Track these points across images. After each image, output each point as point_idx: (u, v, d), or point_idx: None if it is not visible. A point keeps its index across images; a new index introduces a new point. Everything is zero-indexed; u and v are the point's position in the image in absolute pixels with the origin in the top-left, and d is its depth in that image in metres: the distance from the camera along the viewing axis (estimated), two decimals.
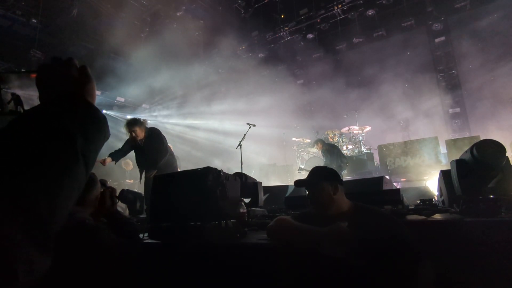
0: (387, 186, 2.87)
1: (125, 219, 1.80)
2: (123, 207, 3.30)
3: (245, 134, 6.33)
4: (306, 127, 10.36)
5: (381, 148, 7.08)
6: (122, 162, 8.46)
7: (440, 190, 2.37)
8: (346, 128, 8.80)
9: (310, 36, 10.76)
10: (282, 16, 10.98)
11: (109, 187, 1.76)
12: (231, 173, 2.39)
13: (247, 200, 2.61)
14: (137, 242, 1.77)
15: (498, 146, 1.73)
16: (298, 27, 10.67)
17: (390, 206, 2.00)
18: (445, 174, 2.11)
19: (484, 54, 8.27)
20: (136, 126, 4.23)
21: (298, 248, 1.39)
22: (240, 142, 6.27)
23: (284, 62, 11.70)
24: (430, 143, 6.44)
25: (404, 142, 6.94)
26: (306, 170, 7.29)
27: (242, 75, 10.73)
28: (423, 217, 1.78)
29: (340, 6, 9.80)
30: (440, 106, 9.13)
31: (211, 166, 2.01)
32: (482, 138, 3.76)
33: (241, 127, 6.74)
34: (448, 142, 6.24)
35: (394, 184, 6.17)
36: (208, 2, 10.86)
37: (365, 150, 8.31)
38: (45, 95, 0.63)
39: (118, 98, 9.83)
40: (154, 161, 4.28)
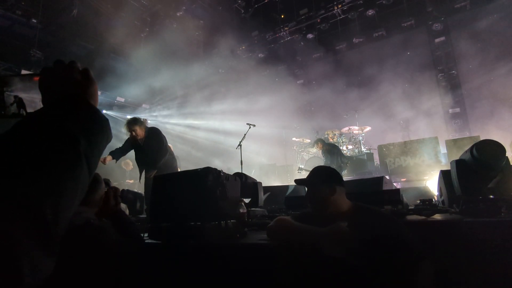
0: (387, 186, 2.87)
1: (128, 219, 1.81)
2: (123, 207, 3.31)
3: (245, 134, 6.33)
4: (306, 127, 10.36)
5: (381, 148, 7.07)
6: (122, 162, 8.46)
7: (440, 190, 2.37)
8: (346, 128, 8.80)
9: (310, 36, 10.77)
10: (282, 16, 10.98)
11: (112, 187, 1.78)
12: (231, 173, 2.39)
13: (247, 200, 2.61)
14: (140, 241, 1.78)
15: (498, 146, 1.73)
16: (298, 27, 10.67)
17: (390, 206, 2.00)
18: (445, 174, 2.11)
19: (484, 54, 8.27)
20: (136, 125, 4.25)
21: (298, 248, 1.39)
22: (240, 142, 6.28)
23: (284, 62, 11.70)
24: (430, 143, 6.44)
25: (404, 142, 6.95)
26: (306, 170, 7.29)
27: (242, 75, 10.73)
28: (423, 217, 1.78)
29: (340, 6, 9.80)
30: (440, 106, 9.13)
31: (211, 166, 2.01)
32: (482, 138, 3.77)
33: (241, 127, 6.74)
34: (448, 142, 6.24)
35: (394, 184, 6.17)
36: (208, 2, 10.86)
37: (365, 150, 8.31)
38: (48, 98, 0.64)
39: (118, 98, 9.82)
40: (154, 160, 4.30)
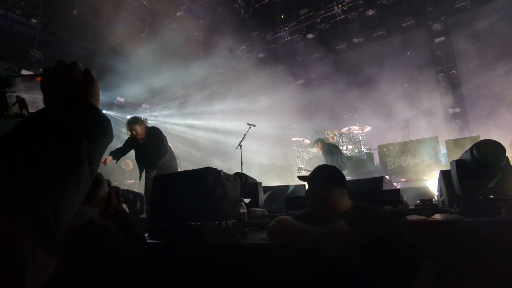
0: (387, 186, 2.87)
1: (130, 218, 1.83)
2: (123, 207, 3.31)
3: (245, 134, 6.33)
4: (306, 127, 10.36)
5: (381, 148, 7.07)
6: (122, 163, 8.46)
7: (440, 190, 2.37)
8: (346, 128, 8.80)
9: (310, 36, 10.77)
10: (282, 16, 10.97)
11: (114, 187, 1.80)
12: (232, 173, 2.39)
13: (247, 200, 2.61)
14: (142, 240, 1.79)
15: (498, 146, 1.73)
16: (298, 27, 10.66)
17: (390, 206, 2.00)
18: (445, 174, 2.11)
19: (484, 54, 8.27)
20: (136, 124, 4.26)
21: (298, 248, 1.39)
22: (240, 142, 6.28)
23: (284, 62, 11.70)
24: (430, 143, 6.44)
25: (404, 142, 6.94)
26: (306, 170, 7.29)
27: (242, 75, 10.72)
28: (423, 217, 1.78)
29: (340, 6, 9.80)
30: (440, 106, 9.13)
31: (212, 166, 2.01)
32: (482, 138, 3.77)
33: (241, 127, 6.74)
34: (448, 142, 6.24)
35: (394, 184, 6.17)
36: (208, 2, 10.86)
37: (365, 150, 8.31)
38: (49, 98, 0.64)
39: (118, 98, 9.82)
40: (154, 160, 4.30)
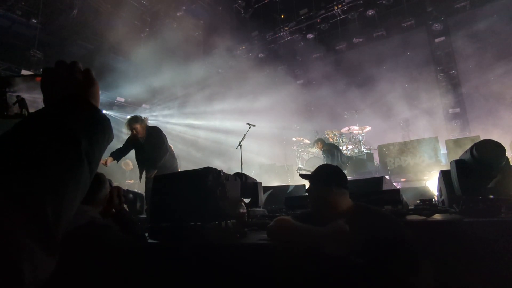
0: (387, 186, 2.87)
1: (131, 218, 1.83)
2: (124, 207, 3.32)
3: (245, 134, 6.33)
4: (306, 127, 10.36)
5: (381, 148, 7.07)
6: (122, 163, 8.46)
7: (440, 190, 2.37)
8: (346, 128, 8.80)
9: (310, 36, 10.76)
10: (282, 16, 10.97)
11: (116, 186, 1.80)
12: (232, 173, 2.39)
13: (247, 200, 2.61)
14: (143, 240, 1.79)
15: (497, 146, 1.73)
16: (298, 27, 10.66)
17: (390, 206, 2.00)
18: (445, 174, 2.11)
19: (484, 54, 8.27)
20: (137, 123, 4.27)
21: (298, 248, 1.39)
22: (240, 142, 6.28)
23: (284, 62, 11.70)
24: (430, 143, 6.44)
25: (404, 142, 6.94)
26: (306, 170, 7.29)
27: (242, 75, 10.72)
28: (423, 217, 1.78)
29: (340, 6, 9.80)
30: (440, 106, 9.13)
31: (212, 166, 2.01)
32: (482, 138, 3.77)
33: (241, 127, 6.74)
34: (448, 142, 6.24)
35: (394, 184, 6.17)
36: (208, 2, 10.85)
37: (365, 150, 8.31)
38: (49, 98, 0.64)
39: (118, 98, 9.81)
40: (154, 160, 4.30)
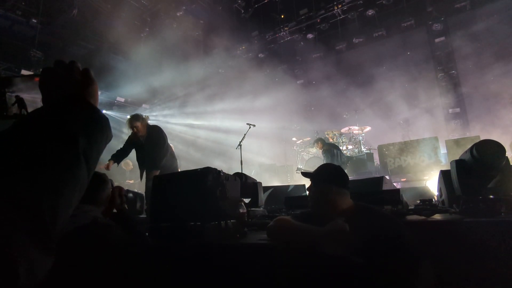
0: (387, 186, 2.86)
1: (133, 217, 1.83)
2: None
3: (245, 134, 6.33)
4: (306, 127, 10.36)
5: (381, 148, 7.07)
6: (122, 163, 8.44)
7: (440, 190, 2.37)
8: (346, 128, 8.80)
9: (310, 36, 10.76)
10: (282, 16, 10.97)
11: (117, 186, 1.81)
12: (232, 173, 2.39)
13: (247, 200, 2.61)
14: (145, 239, 1.79)
15: (497, 147, 1.73)
16: (298, 27, 10.66)
17: (390, 206, 2.00)
18: (445, 174, 2.10)
19: (484, 54, 8.26)
20: (137, 121, 4.27)
21: (298, 248, 1.39)
22: (240, 142, 6.28)
23: (284, 62, 11.70)
24: (430, 143, 6.44)
25: (404, 142, 6.94)
26: (305, 171, 7.29)
27: (242, 75, 10.73)
28: (423, 217, 1.78)
29: (340, 6, 9.79)
30: (440, 106, 9.13)
31: (212, 166, 2.01)
32: (482, 138, 3.76)
33: (241, 127, 6.74)
34: (448, 142, 6.24)
35: (394, 184, 6.17)
36: (208, 2, 10.85)
37: (365, 150, 8.31)
38: (48, 98, 0.64)
39: (118, 98, 9.82)
40: (155, 159, 4.29)
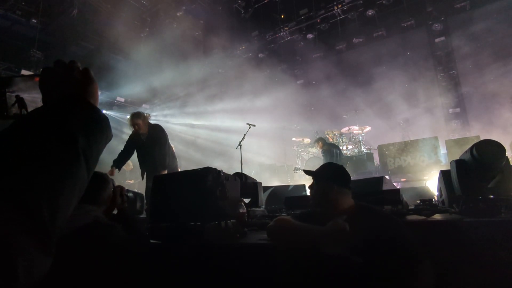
0: (387, 186, 2.86)
1: (134, 217, 1.84)
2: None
3: (245, 134, 6.33)
4: (306, 127, 10.36)
5: (381, 148, 7.06)
6: None
7: (440, 190, 2.37)
8: (346, 128, 8.79)
9: (310, 36, 10.76)
10: (282, 16, 10.97)
11: (118, 186, 1.81)
12: (232, 173, 2.39)
13: (247, 200, 2.61)
14: (146, 239, 1.79)
15: (497, 146, 1.73)
16: (298, 27, 10.66)
17: (390, 206, 2.00)
18: (445, 174, 2.10)
19: (484, 54, 8.26)
20: (139, 119, 4.28)
21: (298, 248, 1.39)
22: (240, 142, 6.27)
23: (284, 62, 11.70)
24: (430, 143, 6.43)
25: (404, 142, 6.93)
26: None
27: (242, 75, 10.73)
28: (423, 217, 1.78)
29: (340, 6, 9.79)
30: (440, 106, 9.13)
31: (212, 166, 2.01)
32: (482, 138, 3.76)
33: (241, 127, 6.74)
34: (448, 142, 6.24)
35: (394, 184, 6.17)
36: (208, 2, 10.85)
37: (365, 150, 8.31)
38: (48, 98, 0.64)
39: (118, 98, 9.82)
40: (159, 159, 4.28)
